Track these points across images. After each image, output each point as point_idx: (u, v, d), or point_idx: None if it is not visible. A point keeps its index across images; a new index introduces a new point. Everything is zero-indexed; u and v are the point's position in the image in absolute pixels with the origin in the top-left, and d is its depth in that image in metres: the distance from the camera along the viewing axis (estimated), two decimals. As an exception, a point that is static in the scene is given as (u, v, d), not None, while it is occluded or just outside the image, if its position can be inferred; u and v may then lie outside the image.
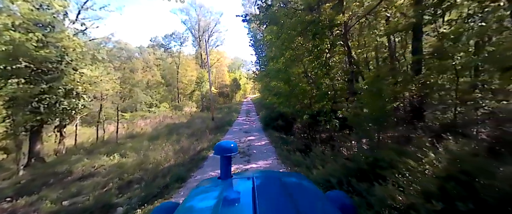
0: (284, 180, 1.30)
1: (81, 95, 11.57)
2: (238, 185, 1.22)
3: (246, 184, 1.14)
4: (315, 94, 6.32)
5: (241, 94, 51.35)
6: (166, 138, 13.48)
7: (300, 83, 6.97)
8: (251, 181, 1.14)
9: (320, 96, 6.12)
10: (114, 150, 11.09)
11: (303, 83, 7.32)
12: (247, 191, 1.03)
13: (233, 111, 24.45)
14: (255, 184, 1.10)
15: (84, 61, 11.96)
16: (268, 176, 1.51)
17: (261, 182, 1.17)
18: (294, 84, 7.00)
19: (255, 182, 1.13)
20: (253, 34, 22.13)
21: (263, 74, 14.71)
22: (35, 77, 8.23)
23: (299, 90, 6.60)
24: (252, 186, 1.07)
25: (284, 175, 1.99)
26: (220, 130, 13.80)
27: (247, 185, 1.12)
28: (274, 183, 1.25)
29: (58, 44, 9.18)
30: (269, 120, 11.75)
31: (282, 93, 7.85)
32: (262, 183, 1.18)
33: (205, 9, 38.31)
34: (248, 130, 12.15)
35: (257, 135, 10.65)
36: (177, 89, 40.11)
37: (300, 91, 6.58)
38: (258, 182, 1.14)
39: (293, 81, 7.18)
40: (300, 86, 6.77)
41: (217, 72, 45.07)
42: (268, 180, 1.33)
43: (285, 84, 7.49)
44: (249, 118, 19.41)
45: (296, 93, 6.83)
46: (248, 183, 1.15)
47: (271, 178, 1.43)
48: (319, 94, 6.12)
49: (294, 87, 6.95)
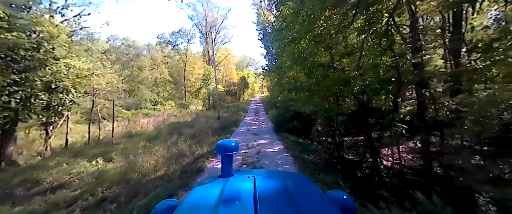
0: (285, 179, 1.31)
1: (69, 90, 10.30)
2: (239, 183, 1.18)
3: (247, 183, 1.14)
4: (364, 83, 4.32)
5: (249, 93, 50.21)
6: (165, 139, 12.04)
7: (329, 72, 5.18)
8: (252, 180, 1.15)
9: (379, 85, 3.97)
10: (104, 152, 9.71)
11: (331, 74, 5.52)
12: (248, 189, 1.04)
13: (240, 110, 22.89)
14: (256, 182, 1.10)
15: (73, 51, 10.69)
16: (269, 175, 1.48)
17: (262, 181, 1.17)
18: (320, 73, 5.21)
19: (256, 180, 1.14)
20: (262, 27, 20.43)
21: (274, 68, 12.94)
22: (1, 66, 6.86)
23: (332, 81, 4.72)
24: (253, 185, 1.08)
25: (285, 174, 1.82)
26: (225, 130, 12.19)
27: (248, 183, 1.12)
28: (275, 182, 1.24)
29: (35, 28, 7.79)
30: (282, 121, 9.97)
31: (302, 88, 6.08)
32: (263, 181, 1.18)
33: (212, 4, 36.83)
34: (257, 132, 10.43)
35: (268, 138, 8.92)
36: (184, 87, 39.20)
37: (333, 82, 4.72)
38: (259, 180, 1.15)
39: (318, 70, 5.41)
40: (333, 75, 4.91)
41: (224, 70, 43.90)
42: (269, 179, 1.31)
43: (306, 76, 5.72)
44: (258, 117, 17.76)
45: (324, 85, 5.02)
46: (249, 181, 1.15)
47: (272, 177, 1.43)
48: (376, 82, 4.10)
49: (320, 78, 5.17)
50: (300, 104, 6.47)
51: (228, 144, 1.37)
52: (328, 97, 6.03)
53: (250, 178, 1.19)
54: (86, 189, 5.53)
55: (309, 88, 5.97)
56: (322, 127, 8.31)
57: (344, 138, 7.12)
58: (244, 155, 6.42)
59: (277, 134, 9.66)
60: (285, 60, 7.43)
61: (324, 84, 5.07)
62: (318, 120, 8.89)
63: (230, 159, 1.33)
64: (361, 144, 7.30)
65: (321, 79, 5.19)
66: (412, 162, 4.58)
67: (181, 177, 4.69)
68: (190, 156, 6.98)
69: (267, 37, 19.74)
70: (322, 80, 5.18)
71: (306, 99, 6.06)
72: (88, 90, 11.56)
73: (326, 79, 5.00)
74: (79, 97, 11.04)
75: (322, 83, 5.18)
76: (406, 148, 5.11)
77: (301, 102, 6.38)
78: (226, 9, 40.80)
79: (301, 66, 5.70)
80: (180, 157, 6.98)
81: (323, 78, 5.15)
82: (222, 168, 1.32)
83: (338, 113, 4.75)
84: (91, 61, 11.90)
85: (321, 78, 5.21)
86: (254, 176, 1.21)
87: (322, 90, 5.28)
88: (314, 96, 5.71)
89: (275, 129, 10.63)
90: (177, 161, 6.51)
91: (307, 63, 5.59)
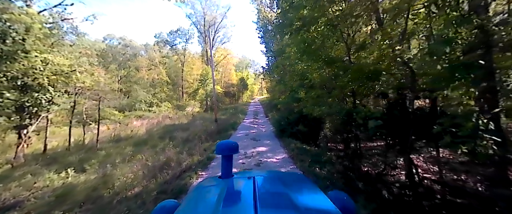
0: (285, 180, 1.30)
1: (46, 89, 9.18)
2: (239, 184, 1.19)
3: (247, 184, 1.13)
4: (407, 73, 3.10)
5: (248, 95, 49.22)
6: (155, 144, 10.91)
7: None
8: (252, 181, 1.13)
9: (449, 73, 2.44)
10: (82, 160, 8.58)
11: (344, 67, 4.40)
12: (248, 190, 1.03)
13: (239, 112, 21.79)
14: (256, 183, 1.09)
15: (50, 45, 9.58)
16: (269, 176, 1.46)
17: (262, 182, 1.17)
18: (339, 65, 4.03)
19: (256, 181, 1.12)
20: (263, 24, 19.41)
21: (276, 65, 11.85)
22: None
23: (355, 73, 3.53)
24: (253, 186, 1.06)
25: (285, 175, 1.73)
26: (221, 134, 11.06)
27: (248, 184, 1.11)
28: (275, 183, 1.25)
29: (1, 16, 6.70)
30: (285, 125, 8.82)
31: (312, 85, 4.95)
32: (263, 182, 1.18)
33: (211, 2, 35.77)
34: (257, 137, 9.28)
35: (269, 145, 7.80)
36: (181, 88, 38.14)
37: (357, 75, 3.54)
38: (259, 181, 1.14)
39: (336, 62, 4.27)
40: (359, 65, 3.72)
41: (223, 71, 42.88)
42: (269, 180, 1.32)
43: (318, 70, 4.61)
44: (257, 120, 16.64)
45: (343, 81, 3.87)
46: (249, 182, 1.13)
47: (272, 177, 1.42)
48: (444, 71, 2.43)
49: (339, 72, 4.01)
50: (309, 105, 5.31)
51: (228, 145, 1.35)
52: (345, 97, 4.92)
53: (250, 178, 1.18)
54: (40, 211, 4.39)
55: (322, 86, 4.86)
56: (332, 132, 7.19)
57: (360, 144, 6.02)
58: (241, 166, 5.30)
59: (280, 139, 8.53)
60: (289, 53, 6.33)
61: (344, 80, 3.95)
62: (326, 124, 7.78)
63: (230, 159, 1.32)
64: (378, 151, 6.20)
65: (341, 73, 4.05)
66: (461, 182, 3.47)
67: (157, 200, 3.56)
68: (176, 166, 5.84)
69: (267, 35, 18.73)
70: (342, 74, 4.05)
71: (317, 99, 4.92)
72: (70, 89, 10.40)
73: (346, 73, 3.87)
74: (59, 97, 9.92)
75: (341, 78, 4.05)
76: (448, 157, 3.98)
77: (310, 102, 5.22)
78: (226, 8, 39.53)
79: (313, 57, 4.57)
80: (165, 168, 5.85)
81: (344, 71, 4.00)
82: (222, 168, 1.30)
83: (367, 116, 3.61)
84: (75, 57, 10.80)
85: (341, 72, 4.07)
86: (254, 176, 1.20)
87: (342, 86, 4.14)
88: (332, 94, 4.58)
89: (277, 133, 9.49)
90: (161, 174, 5.37)
91: (321, 53, 4.47)
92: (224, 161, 1.30)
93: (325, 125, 7.64)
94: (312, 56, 4.59)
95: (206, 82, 26.62)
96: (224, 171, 1.29)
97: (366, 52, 4.27)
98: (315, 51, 4.48)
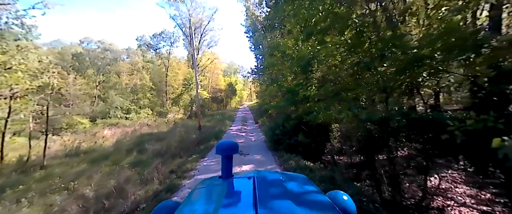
0: (285, 180, 1.26)
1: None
2: (239, 184, 1.18)
3: (247, 184, 1.12)
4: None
5: (237, 101, 47.37)
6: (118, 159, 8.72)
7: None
8: (252, 181, 1.13)
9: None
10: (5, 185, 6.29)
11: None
12: (248, 190, 1.02)
13: (226, 118, 19.90)
14: (256, 183, 1.08)
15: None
16: (269, 176, 1.39)
17: (262, 182, 1.15)
18: (376, 47, 2.36)
19: (256, 181, 1.11)
20: (251, 22, 17.88)
21: (269, 64, 10.13)
22: None
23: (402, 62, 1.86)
24: (253, 186, 1.05)
25: (285, 175, 1.58)
26: (202, 146, 9.07)
27: (248, 184, 1.11)
28: (275, 183, 1.20)
29: None
30: (280, 134, 6.98)
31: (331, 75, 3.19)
32: (263, 182, 1.15)
33: (197, 3, 33.90)
34: (245, 149, 7.33)
35: (260, 161, 5.96)
36: (165, 94, 35.64)
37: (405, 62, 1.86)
38: (259, 181, 1.13)
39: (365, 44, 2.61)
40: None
41: (211, 76, 40.89)
42: (269, 180, 1.27)
43: (345, 47, 2.88)
44: (246, 127, 14.83)
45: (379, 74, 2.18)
46: (249, 182, 1.13)
47: (272, 177, 1.35)
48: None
49: (376, 56, 2.35)
50: (322, 108, 3.50)
51: (228, 145, 1.31)
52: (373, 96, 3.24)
53: (250, 178, 1.17)
54: None
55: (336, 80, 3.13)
56: (343, 143, 5.48)
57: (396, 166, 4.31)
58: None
59: (274, 153, 6.71)
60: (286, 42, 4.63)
61: (383, 69, 2.30)
62: (333, 133, 6.07)
63: (230, 159, 1.29)
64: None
65: (387, 54, 2.33)
66: None
67: None
68: (122, 202, 3.85)
69: (257, 35, 17.18)
70: (386, 56, 2.34)
71: (334, 98, 3.18)
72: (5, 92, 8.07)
73: (392, 55, 2.21)
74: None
75: (379, 64, 2.37)
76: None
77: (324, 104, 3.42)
78: (212, 10, 37.72)
79: (339, 25, 2.80)
80: (105, 203, 3.84)
81: (389, 52, 2.30)
82: (222, 169, 1.28)
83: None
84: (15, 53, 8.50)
85: (386, 53, 2.34)
86: (254, 176, 1.18)
87: (384, 79, 2.45)
88: (359, 91, 2.88)
89: (270, 145, 7.65)
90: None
91: (349, 22, 2.74)
92: (224, 161, 1.27)
93: (332, 135, 5.91)
94: (336, 24, 2.84)
95: (190, 87, 24.53)
96: (224, 171, 1.27)
97: (413, 24, 2.65)
98: (341, 16, 2.75)
